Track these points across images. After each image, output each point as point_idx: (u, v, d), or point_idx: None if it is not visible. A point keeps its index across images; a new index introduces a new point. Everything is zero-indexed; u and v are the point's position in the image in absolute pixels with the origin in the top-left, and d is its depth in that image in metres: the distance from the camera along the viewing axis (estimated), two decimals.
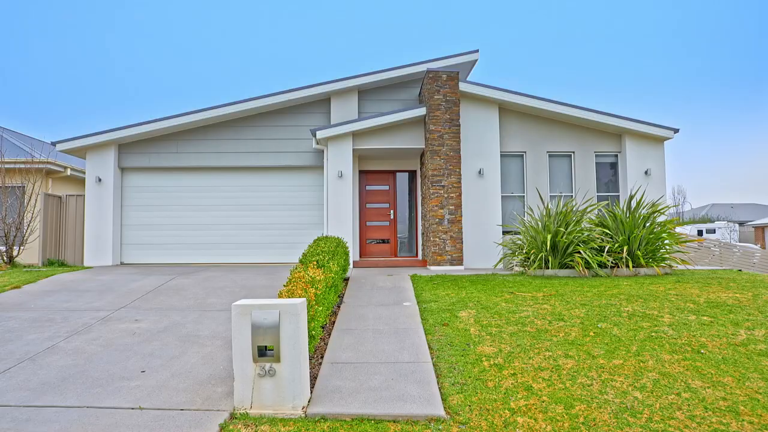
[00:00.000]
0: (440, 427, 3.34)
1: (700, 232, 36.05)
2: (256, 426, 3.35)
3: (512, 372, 4.19)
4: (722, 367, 4.24)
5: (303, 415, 3.49)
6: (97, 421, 3.39)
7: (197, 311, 6.25)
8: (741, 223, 42.77)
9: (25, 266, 10.38)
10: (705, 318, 5.50)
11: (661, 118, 72.45)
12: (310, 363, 4.29)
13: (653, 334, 5.03)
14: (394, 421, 3.42)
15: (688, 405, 3.60)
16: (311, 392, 3.81)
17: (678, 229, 35.94)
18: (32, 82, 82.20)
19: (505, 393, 3.81)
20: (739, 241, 38.15)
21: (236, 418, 3.46)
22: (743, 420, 3.39)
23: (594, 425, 3.34)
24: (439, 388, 3.90)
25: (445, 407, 3.60)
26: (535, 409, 3.57)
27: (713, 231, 36.39)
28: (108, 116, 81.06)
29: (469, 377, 4.10)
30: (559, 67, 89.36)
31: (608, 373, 4.16)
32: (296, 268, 5.47)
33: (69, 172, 12.66)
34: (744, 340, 4.82)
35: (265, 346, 3.56)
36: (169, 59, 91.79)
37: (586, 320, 5.49)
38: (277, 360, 3.55)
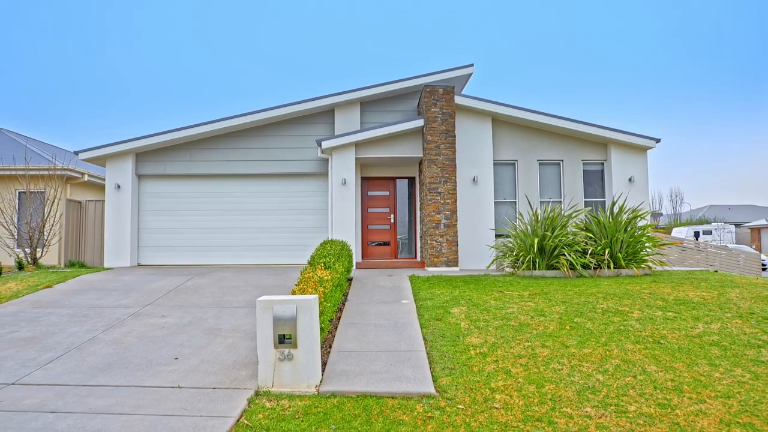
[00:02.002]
0: (431, 402, 4.01)
1: (697, 234, 36.61)
2: (278, 401, 4.03)
3: (495, 359, 4.87)
4: (676, 355, 4.91)
5: (316, 393, 4.17)
6: (146, 396, 4.08)
7: (216, 308, 6.94)
8: (738, 225, 43.41)
9: (48, 267, 11.09)
10: (670, 314, 6.17)
11: (661, 118, 72.92)
12: (320, 351, 4.97)
13: (621, 327, 5.70)
14: (392, 397, 4.09)
15: (641, 385, 4.27)
16: (322, 375, 4.50)
17: (674, 230, 36.62)
18: (30, 82, 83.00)
19: (487, 376, 4.49)
20: (736, 242, 38.75)
21: (260, 394, 4.15)
22: (684, 396, 4.06)
23: (559, 400, 4.01)
24: (431, 372, 4.58)
25: (435, 387, 4.27)
26: (511, 388, 4.24)
27: (709, 232, 36.93)
28: (107, 116, 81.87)
29: (457, 363, 4.78)
30: (559, 69, 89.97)
31: (577, 360, 4.83)
32: (306, 269, 6.16)
33: (86, 178, 13.38)
34: (700, 332, 5.49)
35: (284, 335, 4.25)
36: (169, 59, 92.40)
37: (564, 316, 6.17)
38: (294, 346, 4.24)
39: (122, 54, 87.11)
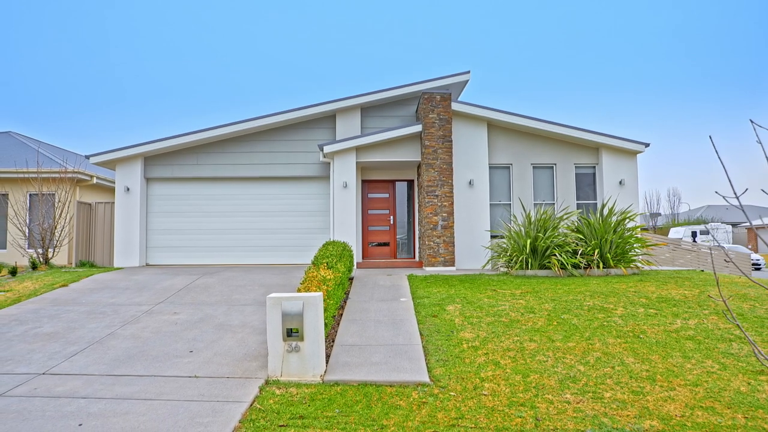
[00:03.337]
0: (425, 390, 4.41)
1: (694, 234, 36.99)
2: (286, 388, 4.43)
3: (485, 352, 5.27)
4: (653, 348, 5.31)
5: (321, 382, 4.57)
6: (166, 385, 4.48)
7: (225, 305, 7.34)
8: (735, 225, 43.80)
9: (60, 267, 11.49)
10: (652, 310, 6.57)
11: (659, 118, 73.28)
12: (325, 345, 5.36)
13: (605, 323, 6.10)
14: (391, 386, 4.50)
15: (618, 375, 4.68)
16: (326, 366, 4.90)
17: (672, 231, 37.03)
18: (29, 82, 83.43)
19: (477, 367, 4.89)
20: (733, 242, 39.14)
21: (270, 383, 4.55)
22: (656, 384, 4.46)
23: (542, 388, 4.41)
24: (426, 363, 4.98)
25: (430, 376, 4.67)
26: (499, 378, 4.65)
27: (707, 232, 37.27)
28: (106, 117, 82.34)
29: (451, 356, 5.18)
30: (558, 70, 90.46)
31: (562, 352, 5.23)
32: (310, 269, 6.56)
33: (95, 180, 13.79)
34: (677, 328, 5.90)
35: (292, 329, 4.65)
36: (168, 60, 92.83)
37: (553, 312, 6.57)
38: (301, 339, 4.64)
39: (121, 55, 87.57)
